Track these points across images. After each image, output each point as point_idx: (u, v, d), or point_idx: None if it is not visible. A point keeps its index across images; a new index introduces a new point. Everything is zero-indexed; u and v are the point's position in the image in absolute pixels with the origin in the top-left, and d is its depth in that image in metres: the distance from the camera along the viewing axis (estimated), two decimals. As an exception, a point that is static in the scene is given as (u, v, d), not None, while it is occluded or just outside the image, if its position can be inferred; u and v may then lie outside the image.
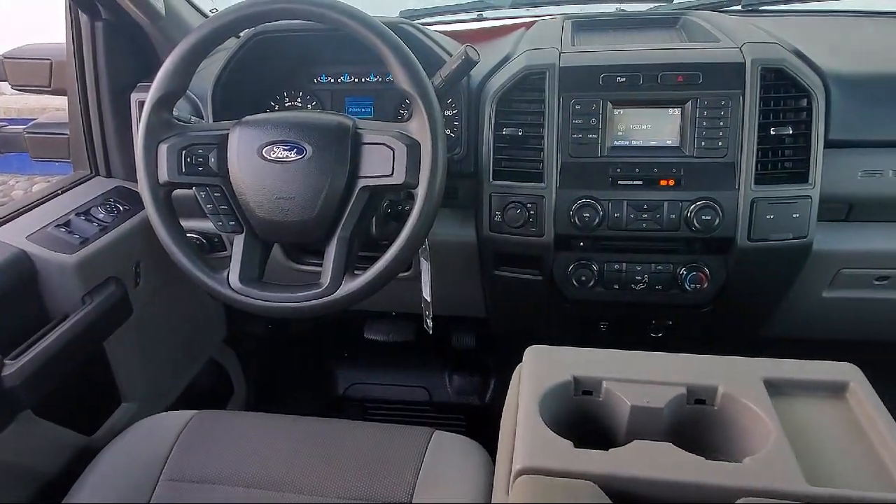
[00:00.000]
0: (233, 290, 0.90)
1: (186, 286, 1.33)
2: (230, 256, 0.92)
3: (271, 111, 1.18)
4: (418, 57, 0.88)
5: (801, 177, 0.95)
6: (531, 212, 1.00)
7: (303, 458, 0.90)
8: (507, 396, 0.75)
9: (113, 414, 1.15)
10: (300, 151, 0.86)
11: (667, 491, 0.58)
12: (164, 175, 0.90)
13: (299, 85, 1.21)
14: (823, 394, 0.70)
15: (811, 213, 0.96)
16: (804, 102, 0.94)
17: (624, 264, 1.04)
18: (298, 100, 1.21)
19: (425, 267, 1.04)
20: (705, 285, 1.01)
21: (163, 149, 0.90)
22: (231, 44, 1.12)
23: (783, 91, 0.95)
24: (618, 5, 1.40)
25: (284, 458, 0.90)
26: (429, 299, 1.06)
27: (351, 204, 0.87)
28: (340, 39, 0.89)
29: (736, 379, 0.69)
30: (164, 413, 1.00)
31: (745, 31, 1.05)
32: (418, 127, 0.84)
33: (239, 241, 0.91)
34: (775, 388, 0.69)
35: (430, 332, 1.09)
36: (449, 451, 0.92)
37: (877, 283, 1.05)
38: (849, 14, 1.33)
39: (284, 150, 0.87)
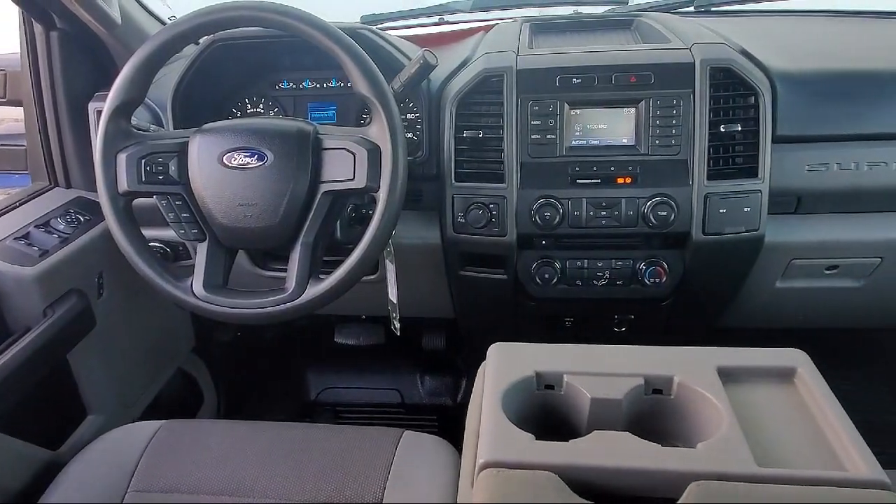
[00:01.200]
0: (197, 297, 0.90)
1: (152, 296, 1.32)
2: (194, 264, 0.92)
3: (233, 118, 1.18)
4: (378, 62, 0.89)
5: (751, 172, 0.98)
6: (493, 212, 1.02)
7: (272, 463, 0.90)
8: (472, 394, 0.77)
9: (79, 427, 1.14)
10: (261, 158, 0.87)
11: (624, 478, 0.60)
12: (123, 184, 0.90)
13: (261, 91, 1.21)
14: (773, 379, 0.73)
15: (762, 206, 0.99)
16: (752, 100, 0.98)
17: (585, 261, 1.06)
18: (260, 106, 1.22)
19: (390, 269, 1.05)
20: (664, 279, 1.04)
21: (122, 158, 0.89)
22: (191, 51, 1.12)
23: (732, 89, 0.98)
24: (575, 8, 1.44)
25: (254, 464, 0.90)
26: (395, 301, 1.07)
27: (314, 209, 0.88)
28: (301, 45, 0.89)
29: (691, 369, 0.72)
30: (132, 424, 0.99)
31: (695, 32, 1.08)
32: (378, 131, 0.85)
33: (202, 249, 0.91)
34: (728, 375, 0.72)
35: (398, 334, 1.10)
36: (418, 450, 0.93)
37: (827, 272, 1.09)
38: (797, 13, 1.38)
39: (245, 156, 0.87)
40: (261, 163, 0.87)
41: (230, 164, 0.88)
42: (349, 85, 1.17)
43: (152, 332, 1.34)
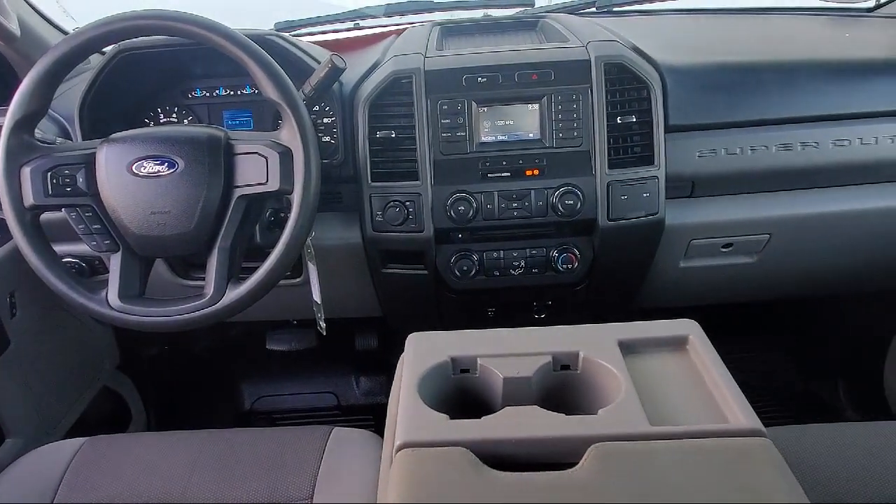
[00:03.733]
0: (113, 308, 0.89)
1: (69, 313, 1.29)
2: None
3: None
4: (288, 67, 0.91)
5: (648, 160, 1.05)
6: (410, 209, 1.06)
7: (201, 470, 0.91)
8: (392, 384, 0.80)
9: (-4, 452, 1.10)
10: (172, 165, 0.87)
11: (531, 447, 0.64)
12: (29, 198, 0.88)
13: (173, 100, 1.20)
14: (668, 348, 0.78)
15: (659, 191, 1.06)
16: (644, 93, 1.05)
17: (501, 252, 1.11)
18: (174, 115, 1.21)
19: (312, 270, 1.07)
20: (576, 265, 1.10)
21: (26, 172, 0.88)
22: (98, 61, 1.10)
23: (625, 83, 1.05)
24: (485, 11, 1.49)
25: (182, 472, 0.90)
26: (319, 302, 1.09)
27: (229, 214, 0.89)
28: (212, 53, 0.90)
29: (595, 344, 0.77)
30: (52, 444, 0.97)
31: (591, 31, 1.15)
32: (289, 134, 0.87)
33: (116, 260, 0.91)
34: (628, 347, 0.77)
35: (324, 334, 1.12)
36: (348, 445, 0.95)
37: (723, 250, 1.18)
38: (688, 12, 1.47)
39: (156, 164, 0.87)
40: (172, 170, 0.87)
41: (140, 173, 0.88)
42: None
43: (72, 350, 1.31)
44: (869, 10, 1.40)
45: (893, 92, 1.09)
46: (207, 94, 1.21)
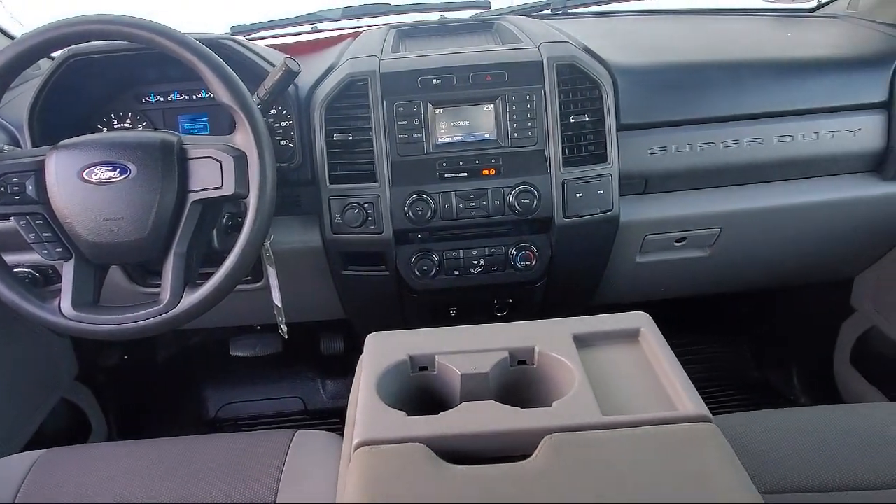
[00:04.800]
0: (66, 317, 0.88)
1: (23, 325, 1.26)
2: None
3: None
4: (242, 70, 0.91)
5: (601, 158, 1.08)
6: (368, 211, 1.06)
7: (162, 477, 0.89)
8: (352, 385, 0.80)
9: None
10: (124, 171, 0.86)
11: (486, 441, 0.65)
12: (-25, 208, 0.86)
13: (126, 106, 1.19)
14: (621, 340, 0.81)
15: (613, 188, 1.09)
16: (596, 93, 1.07)
17: (461, 251, 1.12)
18: (128, 121, 1.19)
19: (272, 274, 1.07)
20: (534, 262, 1.12)
21: None
22: (47, 67, 1.08)
23: (577, 83, 1.07)
24: (441, 14, 1.50)
25: (143, 481, 0.89)
26: (279, 305, 1.09)
27: (184, 218, 0.88)
28: (166, 57, 0.89)
29: (550, 338, 0.78)
30: (6, 458, 0.95)
31: (544, 33, 1.17)
32: (243, 138, 0.87)
33: (69, 268, 0.89)
34: (582, 341, 0.79)
35: (286, 337, 1.12)
36: (311, 447, 0.95)
37: (677, 244, 1.21)
38: (639, 14, 1.51)
39: (107, 170, 0.86)
40: (124, 176, 0.86)
41: (92, 180, 0.86)
42: None
43: (27, 362, 1.28)
44: (810, 10, 1.46)
45: (832, 89, 1.14)
46: (162, 99, 1.20)
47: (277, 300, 1.08)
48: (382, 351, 0.78)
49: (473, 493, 0.58)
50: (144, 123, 1.19)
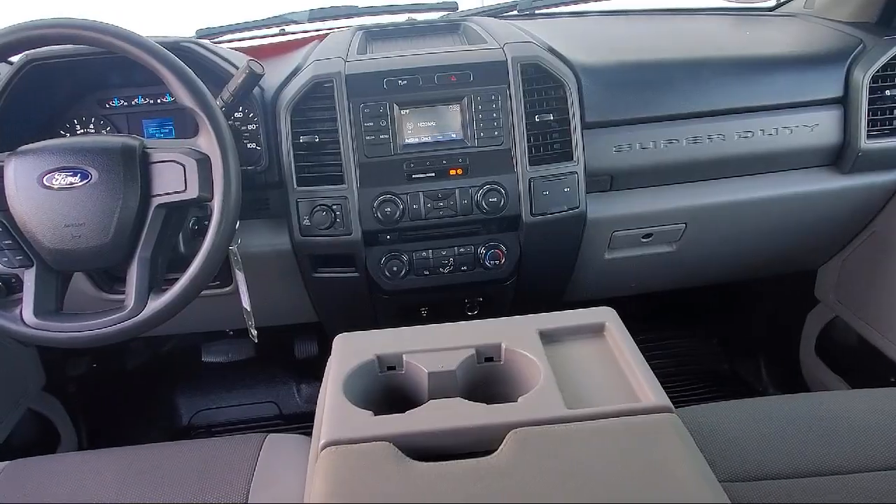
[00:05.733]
0: (28, 325, 0.86)
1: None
2: None
3: None
4: (205, 74, 0.90)
5: (567, 156, 1.09)
6: (337, 213, 1.06)
7: (131, 486, 0.88)
8: (321, 387, 0.80)
9: None
10: (85, 176, 0.85)
11: (452, 437, 0.65)
12: (-67, 216, 0.85)
13: (89, 111, 1.17)
14: (586, 335, 0.82)
15: (579, 186, 1.10)
16: (560, 92, 1.08)
17: (430, 251, 1.12)
18: (91, 126, 1.18)
19: (240, 278, 1.06)
20: (503, 261, 1.13)
21: None
22: (5, 72, 1.06)
23: (542, 83, 1.08)
24: (410, 15, 1.51)
25: (112, 489, 0.88)
26: (249, 309, 1.08)
27: (148, 223, 0.87)
28: (129, 61, 0.89)
29: (516, 335, 0.79)
30: None
31: (508, 33, 1.18)
32: (206, 141, 0.87)
33: (30, 275, 0.88)
34: (548, 336, 0.80)
35: (256, 341, 1.11)
36: (283, 450, 0.94)
37: (644, 240, 1.23)
38: (605, 14, 1.53)
39: (68, 176, 0.85)
40: (85, 181, 0.85)
41: (52, 186, 0.85)
42: None
43: (-9, 373, 1.26)
44: (770, 9, 1.49)
45: (790, 85, 1.16)
46: (126, 104, 1.18)
47: (247, 304, 1.08)
48: (350, 351, 0.78)
49: (437, 489, 0.58)
50: (108, 129, 1.18)
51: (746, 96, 1.16)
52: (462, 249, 1.13)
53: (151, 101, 1.18)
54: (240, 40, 1.51)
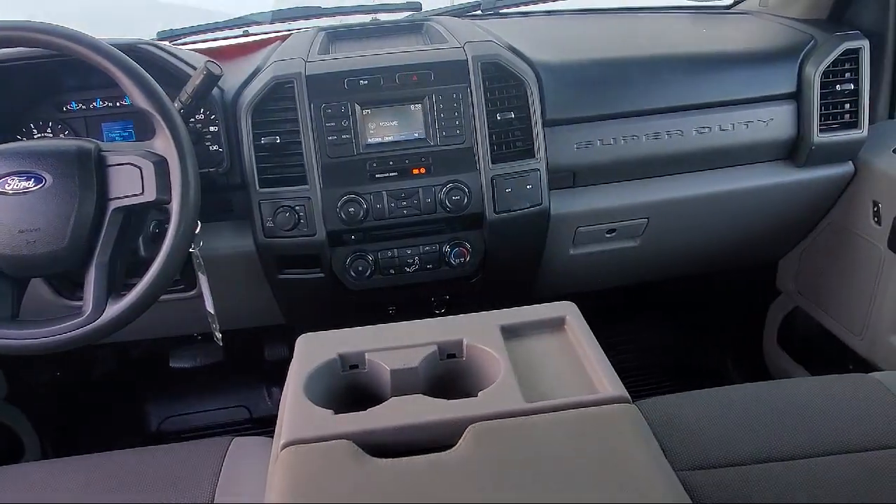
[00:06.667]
0: (-19, 334, 0.85)
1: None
2: None
3: None
4: (165, 76, 0.89)
5: (529, 153, 1.10)
6: (300, 213, 1.06)
7: (94, 494, 0.87)
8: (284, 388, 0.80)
9: None
10: (39, 181, 0.84)
11: (412, 433, 0.66)
12: None
13: (46, 115, 1.15)
14: (547, 329, 0.83)
15: (542, 182, 1.12)
16: (521, 90, 1.10)
17: (395, 250, 1.13)
18: (48, 130, 1.16)
19: (203, 280, 1.06)
20: (468, 258, 1.14)
21: None
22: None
23: (502, 81, 1.09)
24: (373, 16, 1.51)
25: (75, 497, 0.87)
26: (212, 311, 1.07)
27: (105, 227, 0.86)
28: (85, 64, 0.87)
29: (478, 331, 0.80)
30: None
31: (469, 33, 1.19)
32: (163, 143, 0.86)
33: (-18, 283, 0.87)
34: (510, 332, 0.81)
35: (220, 344, 1.10)
36: (248, 453, 0.94)
37: (608, 235, 1.25)
38: (566, 13, 1.55)
39: (21, 181, 0.84)
40: (38, 186, 0.84)
41: (6, 191, 0.84)
42: None
43: (-50, 384, 1.23)
44: (726, 7, 1.52)
45: (745, 81, 1.19)
46: (84, 107, 1.16)
47: (210, 307, 1.07)
48: (312, 351, 0.78)
49: (395, 485, 0.59)
50: (67, 132, 1.16)
51: (703, 92, 1.18)
52: (427, 248, 1.13)
53: (111, 105, 1.17)
54: (203, 42, 1.49)
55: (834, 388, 0.97)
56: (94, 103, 1.16)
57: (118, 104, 1.17)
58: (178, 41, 1.44)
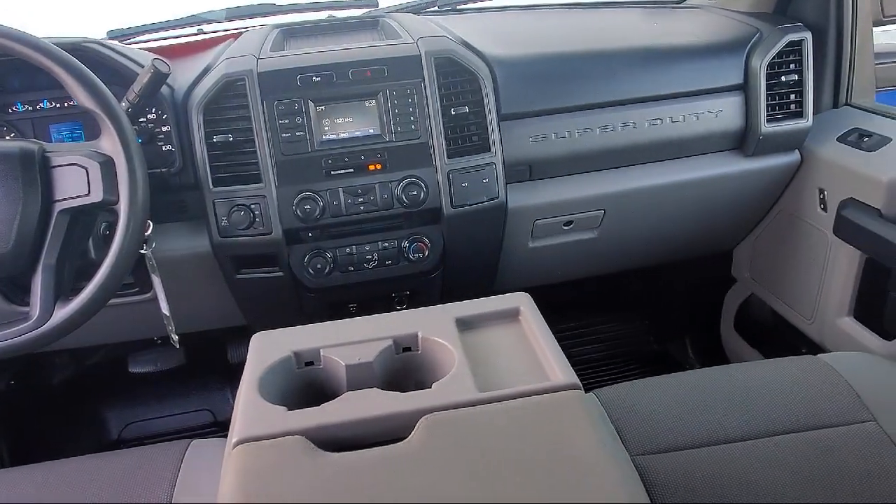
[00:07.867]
0: (-78, 342, 0.82)
1: None
2: None
3: None
4: (112, 75, 0.88)
5: (484, 147, 1.11)
6: (255, 212, 1.05)
7: (51, 500, 0.86)
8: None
9: None
10: (-22, 184, 0.82)
11: (365, 427, 0.66)
12: None
13: None
14: (501, 320, 0.83)
15: (498, 176, 1.12)
16: (475, 84, 1.10)
17: (354, 247, 1.12)
18: None
19: (157, 282, 1.04)
20: (427, 253, 1.14)
21: None
22: None
23: (456, 76, 1.10)
24: (330, 13, 1.50)
25: (29, 506, 0.85)
26: (167, 313, 1.06)
27: (51, 229, 0.85)
28: (30, 64, 0.85)
29: (433, 324, 0.80)
30: None
31: (424, 28, 1.19)
32: (109, 142, 0.85)
33: (-76, 290, 0.84)
34: (464, 324, 0.81)
35: (177, 346, 1.09)
36: (207, 454, 0.93)
37: (565, 227, 1.26)
38: (522, 8, 1.56)
39: (-39, 184, 0.82)
40: (-22, 188, 0.82)
41: (-56, 196, 0.82)
42: None
43: None
44: (676, 2, 1.55)
45: (695, 74, 1.22)
46: (30, 109, 1.14)
47: (165, 309, 1.05)
48: (267, 349, 0.78)
49: (347, 479, 0.59)
50: (13, 134, 1.13)
51: (654, 85, 1.20)
52: (385, 244, 1.13)
53: (58, 105, 1.14)
54: (155, 40, 1.47)
55: (785, 370, 1.00)
56: (41, 104, 1.14)
57: (66, 105, 1.14)
58: (130, 40, 1.42)
